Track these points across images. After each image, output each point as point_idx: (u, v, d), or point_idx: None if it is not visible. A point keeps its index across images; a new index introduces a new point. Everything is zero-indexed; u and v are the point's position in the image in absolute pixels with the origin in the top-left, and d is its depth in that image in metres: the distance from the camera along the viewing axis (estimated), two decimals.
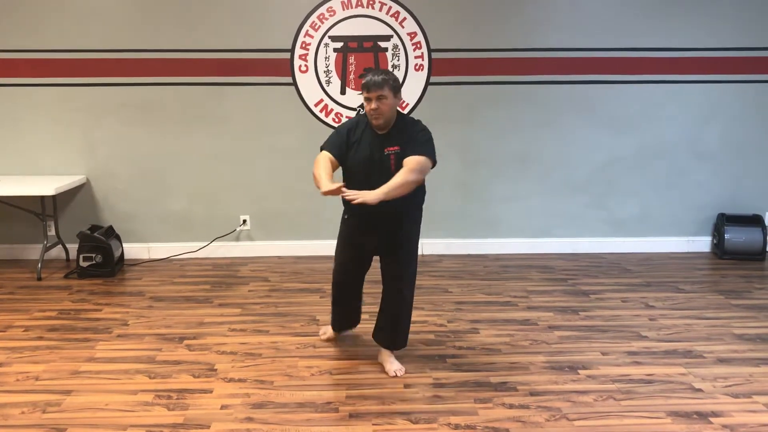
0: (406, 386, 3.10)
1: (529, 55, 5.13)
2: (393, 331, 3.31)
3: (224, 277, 4.82)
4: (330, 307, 3.61)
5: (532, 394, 3.03)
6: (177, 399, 2.98)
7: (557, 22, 5.09)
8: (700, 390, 3.07)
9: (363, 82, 3.05)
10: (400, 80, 4.88)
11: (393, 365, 3.27)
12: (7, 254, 5.23)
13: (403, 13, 5.04)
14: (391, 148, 3.06)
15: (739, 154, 5.35)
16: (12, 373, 3.23)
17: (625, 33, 5.12)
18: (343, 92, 5.12)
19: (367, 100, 3.03)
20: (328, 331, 3.66)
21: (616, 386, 3.10)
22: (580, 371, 3.26)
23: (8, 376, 3.21)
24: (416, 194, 3.12)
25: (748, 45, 5.17)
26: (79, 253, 4.75)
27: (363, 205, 2.87)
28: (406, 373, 3.23)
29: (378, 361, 3.35)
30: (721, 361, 3.39)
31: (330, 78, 5.11)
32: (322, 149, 3.18)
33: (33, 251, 5.15)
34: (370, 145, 3.09)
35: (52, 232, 5.10)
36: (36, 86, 5.00)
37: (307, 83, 5.10)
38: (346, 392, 3.05)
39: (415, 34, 5.07)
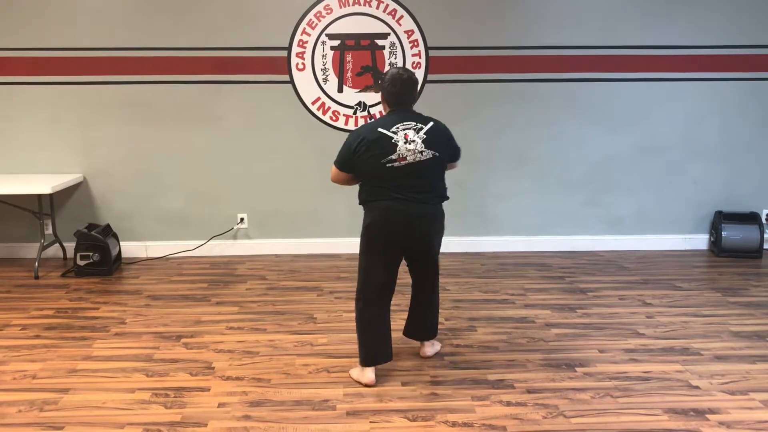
0: (404, 384, 3.10)
1: (526, 53, 5.13)
2: None
3: (221, 275, 4.81)
4: None
5: (530, 391, 3.04)
6: (174, 397, 2.98)
7: (555, 20, 5.09)
8: (696, 387, 3.07)
9: None
10: None
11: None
12: (4, 253, 5.22)
13: (400, 11, 5.03)
14: None
15: (735, 152, 5.35)
16: (9, 372, 3.23)
17: (621, 31, 5.12)
18: (340, 90, 5.12)
19: None
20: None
21: (614, 383, 3.11)
22: (577, 369, 3.26)
23: (5, 374, 3.20)
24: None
25: (744, 43, 5.18)
26: (76, 251, 4.75)
27: None
28: (402, 371, 3.22)
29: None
30: (718, 358, 3.39)
31: (327, 76, 5.10)
32: None
33: (30, 250, 5.14)
34: None
35: (49, 231, 5.09)
36: (33, 84, 4.98)
37: (304, 81, 5.10)
38: (344, 390, 3.05)
39: (413, 31, 5.07)
